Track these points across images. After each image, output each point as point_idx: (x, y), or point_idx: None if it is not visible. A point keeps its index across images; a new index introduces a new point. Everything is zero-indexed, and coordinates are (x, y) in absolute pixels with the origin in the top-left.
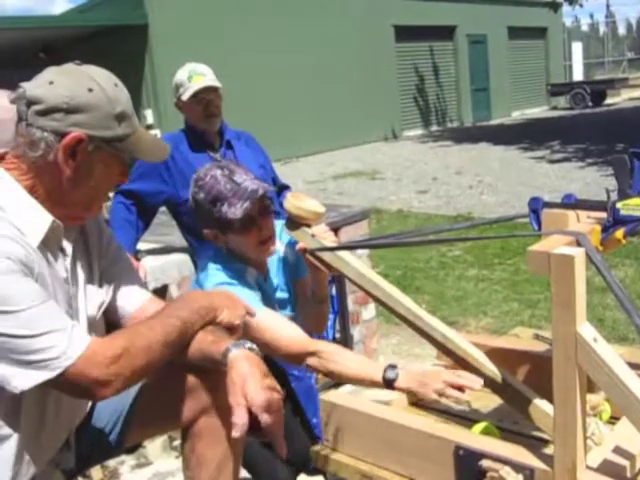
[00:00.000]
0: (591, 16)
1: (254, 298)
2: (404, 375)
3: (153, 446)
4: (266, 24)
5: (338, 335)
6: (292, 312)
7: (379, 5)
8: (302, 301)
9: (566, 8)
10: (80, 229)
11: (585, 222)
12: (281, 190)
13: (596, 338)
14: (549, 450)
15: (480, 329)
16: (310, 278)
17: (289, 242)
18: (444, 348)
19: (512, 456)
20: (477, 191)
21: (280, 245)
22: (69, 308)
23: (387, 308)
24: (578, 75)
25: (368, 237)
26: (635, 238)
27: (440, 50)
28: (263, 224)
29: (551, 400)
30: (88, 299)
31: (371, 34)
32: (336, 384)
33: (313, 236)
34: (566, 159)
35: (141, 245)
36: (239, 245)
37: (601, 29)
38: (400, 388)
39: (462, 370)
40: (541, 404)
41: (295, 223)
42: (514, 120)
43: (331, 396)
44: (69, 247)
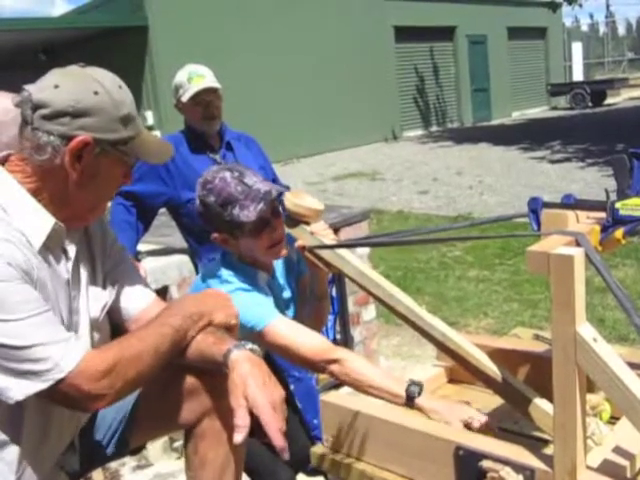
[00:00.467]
0: (591, 16)
1: (269, 305)
2: (427, 395)
3: (154, 447)
4: (266, 25)
5: (338, 336)
6: (295, 311)
7: (379, 6)
8: (302, 299)
9: (566, 8)
10: (84, 231)
11: (584, 222)
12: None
13: (596, 338)
14: (549, 450)
15: (480, 329)
16: (309, 275)
17: (289, 240)
18: (444, 347)
19: (512, 456)
20: (477, 191)
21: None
22: (70, 310)
23: (387, 307)
24: (578, 75)
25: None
26: (635, 238)
27: (440, 50)
28: (277, 225)
29: (551, 401)
30: (91, 300)
31: (371, 35)
32: (336, 385)
33: (312, 233)
34: (566, 159)
35: (141, 246)
36: (249, 248)
37: (601, 29)
38: (420, 406)
39: (462, 369)
40: (541, 404)
41: (294, 221)
42: (514, 120)
43: (332, 397)
44: (72, 249)
